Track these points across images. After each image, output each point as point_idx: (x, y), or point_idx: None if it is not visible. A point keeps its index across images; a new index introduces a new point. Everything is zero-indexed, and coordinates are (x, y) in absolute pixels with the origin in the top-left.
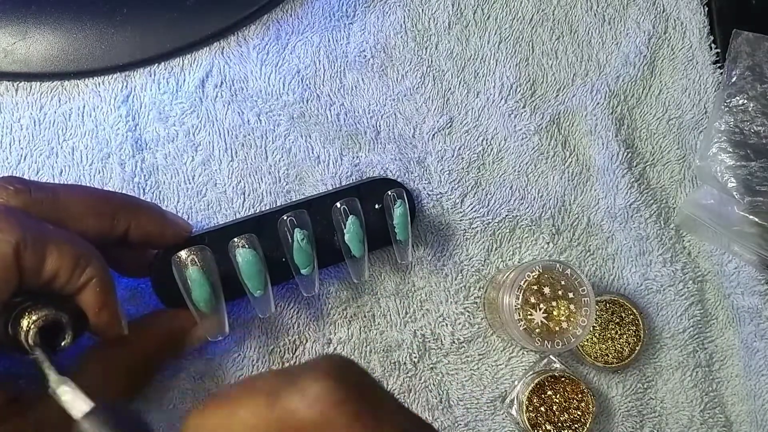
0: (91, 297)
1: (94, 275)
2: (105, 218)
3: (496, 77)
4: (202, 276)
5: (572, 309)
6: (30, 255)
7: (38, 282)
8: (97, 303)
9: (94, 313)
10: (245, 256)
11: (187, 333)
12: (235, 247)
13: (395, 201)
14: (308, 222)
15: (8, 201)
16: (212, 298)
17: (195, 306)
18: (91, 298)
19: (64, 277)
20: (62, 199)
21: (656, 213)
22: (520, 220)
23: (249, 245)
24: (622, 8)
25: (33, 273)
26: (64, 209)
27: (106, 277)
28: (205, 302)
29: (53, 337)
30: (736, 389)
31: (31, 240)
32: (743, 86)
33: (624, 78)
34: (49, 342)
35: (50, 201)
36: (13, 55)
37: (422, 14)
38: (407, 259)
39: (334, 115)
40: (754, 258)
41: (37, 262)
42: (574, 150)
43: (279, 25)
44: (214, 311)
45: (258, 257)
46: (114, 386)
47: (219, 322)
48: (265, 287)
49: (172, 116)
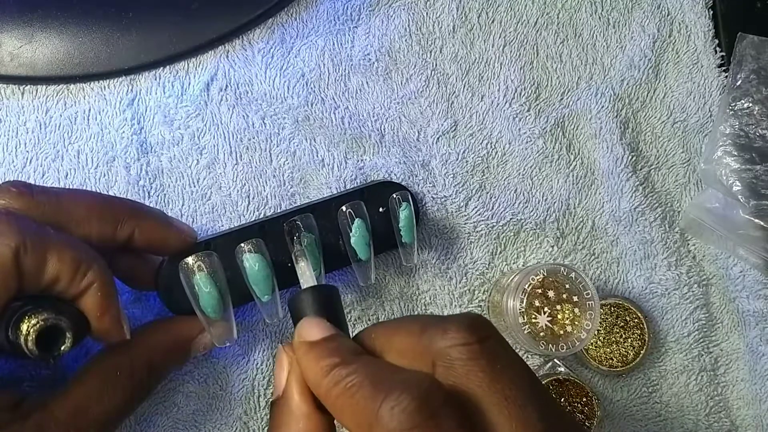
0: (92, 301)
1: (95, 280)
2: (108, 223)
3: (500, 80)
4: (210, 282)
5: (577, 312)
6: (30, 259)
7: (38, 286)
8: (98, 308)
9: (95, 318)
10: (252, 261)
11: (193, 340)
12: (242, 253)
13: (400, 204)
14: (314, 226)
15: (10, 204)
16: (220, 304)
17: (203, 312)
18: (92, 303)
19: (65, 282)
20: (65, 202)
21: (661, 216)
22: (525, 224)
23: (256, 250)
24: (626, 12)
25: (33, 277)
26: (67, 213)
27: (107, 281)
28: (213, 308)
29: (53, 341)
30: (742, 393)
31: (31, 244)
32: (748, 89)
33: (629, 81)
34: (49, 346)
35: (53, 204)
36: (19, 58)
37: (427, 18)
38: (412, 261)
39: (338, 118)
40: (760, 262)
41: (37, 266)
42: (578, 153)
43: (284, 28)
44: (222, 317)
45: (265, 262)
46: (117, 393)
47: (227, 327)
48: (273, 292)
49: (177, 119)
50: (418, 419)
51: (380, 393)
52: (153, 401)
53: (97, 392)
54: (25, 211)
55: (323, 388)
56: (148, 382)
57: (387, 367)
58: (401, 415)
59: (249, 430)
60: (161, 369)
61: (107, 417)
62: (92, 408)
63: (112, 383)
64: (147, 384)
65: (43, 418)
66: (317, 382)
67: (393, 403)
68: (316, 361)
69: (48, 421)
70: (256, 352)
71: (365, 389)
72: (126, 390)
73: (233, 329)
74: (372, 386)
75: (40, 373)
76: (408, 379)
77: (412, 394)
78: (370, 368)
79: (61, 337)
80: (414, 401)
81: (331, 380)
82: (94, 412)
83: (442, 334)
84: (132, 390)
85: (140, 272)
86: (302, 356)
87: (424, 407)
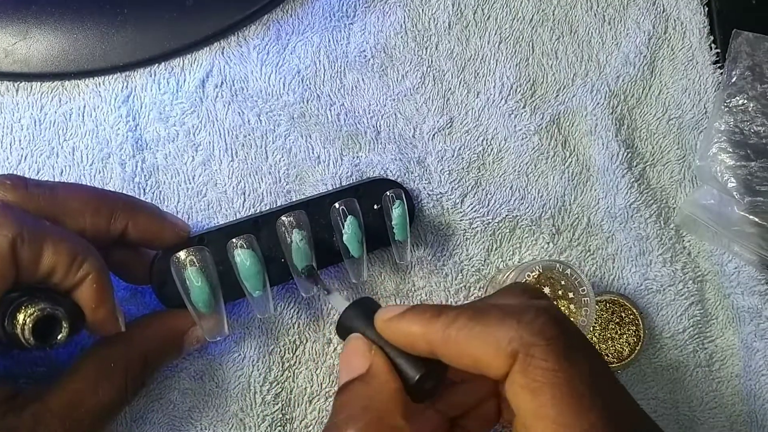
0: (87, 293)
1: (90, 271)
2: (103, 216)
3: (496, 77)
4: (201, 276)
5: (572, 309)
6: (26, 250)
7: (35, 277)
8: (93, 299)
9: (90, 310)
10: (244, 256)
11: (185, 333)
12: (233, 248)
13: (393, 201)
14: (307, 222)
15: (5, 196)
16: (211, 299)
17: (194, 306)
18: (87, 295)
19: (61, 273)
20: (60, 195)
21: (656, 213)
22: (520, 220)
23: (248, 246)
24: (622, 8)
25: (29, 268)
26: (62, 206)
27: (102, 273)
28: (204, 303)
29: (49, 332)
30: (736, 389)
31: (28, 235)
32: (743, 86)
33: (624, 78)
34: (45, 336)
35: (47, 197)
36: (13, 55)
37: (422, 14)
38: (406, 259)
39: (334, 115)
40: (754, 258)
41: (33, 257)
42: (574, 150)
43: (279, 25)
44: (213, 312)
45: (257, 258)
46: (111, 385)
47: (218, 322)
48: (264, 287)
49: (173, 116)
50: (557, 330)
51: (513, 314)
52: (149, 398)
53: (92, 384)
54: (20, 203)
55: (437, 334)
56: (143, 374)
57: (490, 305)
58: (545, 326)
59: (245, 426)
60: (155, 361)
61: (102, 409)
62: (87, 400)
63: (106, 375)
64: (141, 376)
65: (38, 409)
66: (428, 332)
67: (532, 317)
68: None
69: (43, 412)
70: (251, 349)
71: (492, 317)
72: (120, 382)
73: (224, 324)
74: (498, 312)
75: (35, 370)
76: (528, 304)
77: (545, 313)
78: (475, 308)
79: (58, 327)
80: (550, 316)
81: (444, 322)
82: (89, 403)
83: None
84: (126, 382)
85: (135, 266)
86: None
87: (557, 321)
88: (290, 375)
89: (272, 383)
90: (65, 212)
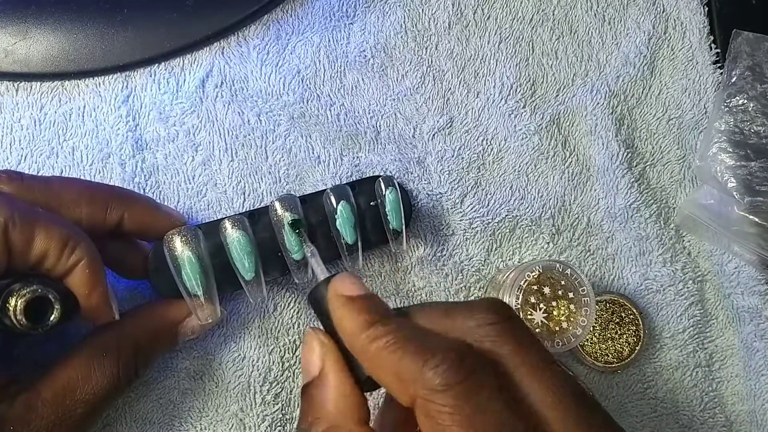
0: (80, 279)
1: (82, 256)
2: (98, 206)
3: (496, 77)
4: (192, 255)
5: (572, 309)
6: (18, 234)
7: (27, 263)
8: (86, 285)
9: (83, 296)
10: (234, 236)
11: (180, 323)
12: (224, 229)
13: (386, 187)
14: (298, 205)
15: (1, 188)
16: (202, 278)
17: (185, 286)
18: (80, 280)
19: (53, 258)
20: (55, 187)
21: (656, 213)
22: (520, 220)
23: (239, 226)
24: (622, 8)
25: (21, 253)
26: (57, 197)
27: (95, 259)
28: (196, 281)
29: (42, 315)
30: (736, 389)
31: (19, 219)
32: (743, 86)
33: (624, 78)
34: (37, 319)
35: (43, 189)
36: (13, 55)
37: (422, 14)
38: (401, 248)
39: (334, 115)
40: (754, 258)
41: (25, 242)
42: (574, 150)
43: (279, 25)
44: (205, 293)
45: (248, 238)
46: (104, 373)
47: (211, 304)
48: (256, 271)
49: (173, 116)
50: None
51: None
52: (148, 398)
53: (84, 373)
54: (16, 194)
55: (361, 343)
56: (135, 363)
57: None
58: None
59: (245, 426)
60: (148, 350)
61: (95, 398)
62: (79, 388)
63: (98, 364)
64: (134, 364)
65: (30, 398)
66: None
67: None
68: (356, 314)
69: (35, 401)
70: (251, 349)
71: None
72: (113, 371)
73: (217, 306)
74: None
75: (29, 358)
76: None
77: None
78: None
79: (50, 309)
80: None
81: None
82: (82, 392)
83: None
84: (119, 371)
85: (131, 260)
86: (339, 308)
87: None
88: (290, 375)
89: (272, 383)
90: (61, 203)
